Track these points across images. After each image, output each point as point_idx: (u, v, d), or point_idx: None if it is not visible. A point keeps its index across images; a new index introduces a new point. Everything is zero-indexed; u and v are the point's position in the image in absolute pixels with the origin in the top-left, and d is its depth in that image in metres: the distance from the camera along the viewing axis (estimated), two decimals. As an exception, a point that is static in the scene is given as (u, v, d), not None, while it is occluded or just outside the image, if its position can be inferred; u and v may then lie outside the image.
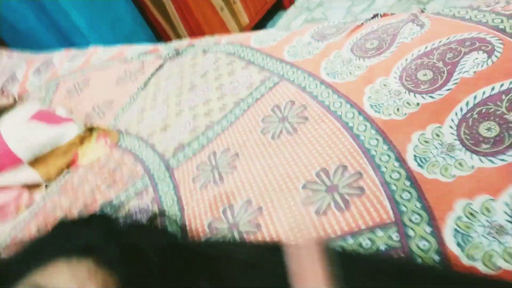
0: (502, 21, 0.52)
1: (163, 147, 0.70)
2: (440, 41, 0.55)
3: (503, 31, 0.50)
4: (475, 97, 0.47)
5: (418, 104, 0.52)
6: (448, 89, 0.50)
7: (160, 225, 0.53)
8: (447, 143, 0.46)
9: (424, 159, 0.47)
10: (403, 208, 0.44)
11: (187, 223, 0.55)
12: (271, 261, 0.40)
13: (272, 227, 0.49)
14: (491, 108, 0.45)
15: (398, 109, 0.53)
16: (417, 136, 0.49)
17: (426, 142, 0.48)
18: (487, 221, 0.40)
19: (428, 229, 0.42)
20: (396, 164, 0.48)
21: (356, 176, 0.49)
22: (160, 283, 0.44)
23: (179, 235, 0.53)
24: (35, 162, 0.77)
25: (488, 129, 0.45)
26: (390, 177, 0.47)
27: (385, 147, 0.50)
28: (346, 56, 0.64)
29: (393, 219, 0.44)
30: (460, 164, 0.44)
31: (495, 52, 0.49)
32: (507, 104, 0.44)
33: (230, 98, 0.71)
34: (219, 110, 0.70)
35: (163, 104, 0.79)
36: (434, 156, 0.46)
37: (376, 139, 0.52)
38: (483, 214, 0.40)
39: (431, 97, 0.51)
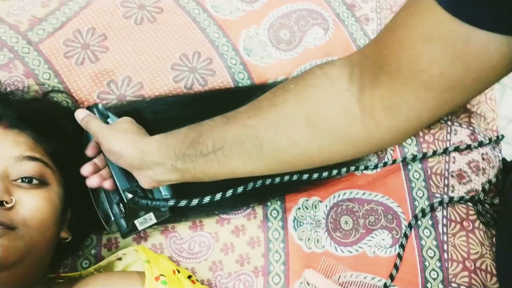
0: (338, 5, 0.78)
1: (12, 19, 0.71)
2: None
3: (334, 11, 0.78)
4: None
5: (244, 10, 0.77)
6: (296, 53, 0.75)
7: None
8: (263, 41, 0.75)
9: (250, 50, 0.74)
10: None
11: (74, 95, 0.67)
12: None
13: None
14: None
15: (231, 12, 0.77)
16: (244, 32, 0.75)
17: (250, 38, 0.75)
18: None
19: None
20: (233, 53, 0.74)
21: (207, 60, 0.73)
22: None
23: (72, 106, 0.66)
24: None
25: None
26: (230, 62, 0.74)
27: (225, 40, 0.75)
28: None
29: (236, 91, 0.72)
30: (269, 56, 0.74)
31: (329, 31, 0.76)
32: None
33: (78, -27, 0.76)
34: (69, -15, 0.75)
35: (-10, -35, 0.74)
36: (256, 44, 0.74)
37: (218, 33, 0.75)
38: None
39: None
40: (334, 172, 0.60)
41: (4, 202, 0.43)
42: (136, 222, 0.53)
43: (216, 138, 0.45)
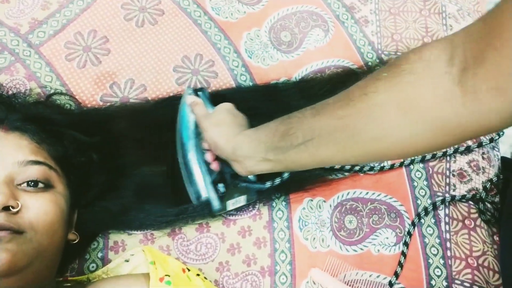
0: (338, 7, 0.79)
1: (12, 21, 0.71)
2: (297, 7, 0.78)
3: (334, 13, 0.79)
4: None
5: (245, 12, 0.77)
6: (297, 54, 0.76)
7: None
8: (264, 42, 0.76)
9: (252, 52, 0.75)
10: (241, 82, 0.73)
11: (77, 98, 0.67)
12: None
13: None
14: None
15: (232, 14, 0.77)
16: (245, 34, 0.76)
17: (251, 40, 0.76)
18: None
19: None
20: (235, 55, 0.75)
21: (210, 63, 0.74)
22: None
23: (75, 108, 0.65)
24: None
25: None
26: (232, 64, 0.74)
27: (226, 42, 0.75)
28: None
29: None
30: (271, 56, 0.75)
31: (329, 32, 0.77)
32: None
33: (78, -24, 0.75)
34: (69, -13, 0.75)
35: (-11, -33, 0.73)
36: (257, 46, 0.75)
37: (219, 35, 0.76)
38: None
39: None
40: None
41: (10, 207, 0.43)
42: (228, 202, 0.57)
43: (306, 129, 0.45)
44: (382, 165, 0.66)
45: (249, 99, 0.68)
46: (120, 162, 0.60)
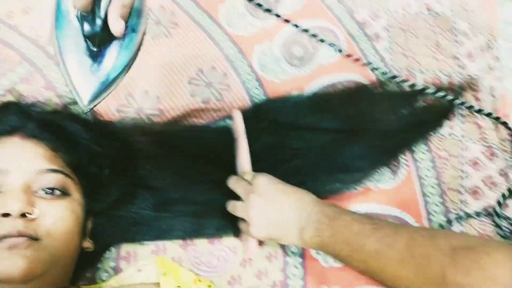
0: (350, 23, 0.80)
1: (32, 33, 0.72)
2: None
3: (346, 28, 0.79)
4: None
5: (258, 26, 0.78)
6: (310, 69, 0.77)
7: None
8: (277, 57, 0.77)
9: (264, 65, 0.76)
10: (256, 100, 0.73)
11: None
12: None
13: (172, 112, 0.70)
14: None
15: (245, 28, 0.78)
16: (258, 48, 0.77)
17: (264, 54, 0.77)
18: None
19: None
20: (248, 68, 0.75)
21: (223, 75, 0.74)
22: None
23: (91, 119, 0.66)
24: None
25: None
26: (245, 78, 0.75)
27: (239, 55, 0.76)
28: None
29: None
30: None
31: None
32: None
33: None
34: (87, 0, 0.76)
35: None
36: (270, 60, 0.76)
37: (232, 48, 0.77)
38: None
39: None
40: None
41: (27, 214, 0.43)
42: None
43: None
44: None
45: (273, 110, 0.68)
46: (137, 174, 0.60)
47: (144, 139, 0.63)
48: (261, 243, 0.58)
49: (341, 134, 0.67)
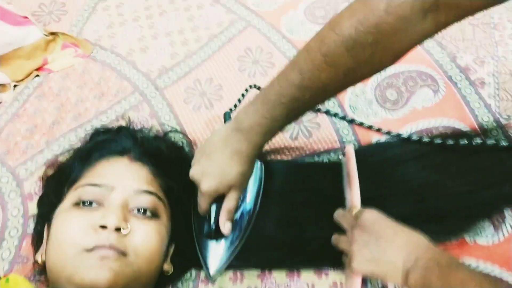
0: (451, 68, 0.78)
1: (146, 67, 0.81)
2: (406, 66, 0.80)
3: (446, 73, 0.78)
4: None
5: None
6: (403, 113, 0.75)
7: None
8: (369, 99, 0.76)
9: (355, 107, 0.75)
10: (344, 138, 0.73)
11: (189, 137, 0.73)
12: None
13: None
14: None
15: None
16: (350, 90, 0.77)
17: (356, 96, 0.76)
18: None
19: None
20: (339, 109, 0.75)
21: (313, 115, 0.75)
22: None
23: (187, 147, 0.71)
24: (-1, 61, 0.78)
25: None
26: (336, 118, 0.75)
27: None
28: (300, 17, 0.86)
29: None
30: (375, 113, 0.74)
31: (439, 93, 0.76)
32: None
33: (204, 32, 0.85)
34: (195, 41, 0.84)
35: (134, 23, 0.87)
36: (362, 102, 0.75)
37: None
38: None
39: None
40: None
41: (122, 229, 0.46)
42: None
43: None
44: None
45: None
46: None
47: None
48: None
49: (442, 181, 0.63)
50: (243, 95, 0.74)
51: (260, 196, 0.62)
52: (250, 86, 0.76)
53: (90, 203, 0.49)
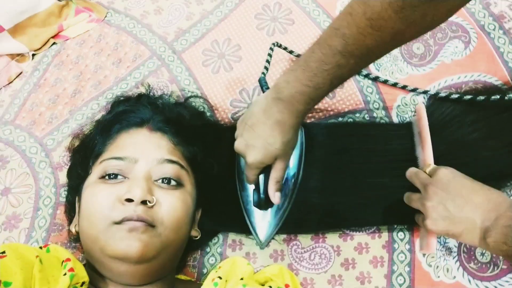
0: (484, 16, 0.73)
1: (162, 30, 0.79)
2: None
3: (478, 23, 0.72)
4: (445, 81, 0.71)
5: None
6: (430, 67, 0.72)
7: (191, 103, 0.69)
8: (394, 55, 0.72)
9: (380, 64, 0.72)
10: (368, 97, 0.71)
11: (210, 101, 0.72)
12: None
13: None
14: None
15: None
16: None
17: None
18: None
19: (382, 111, 0.70)
20: (362, 66, 0.73)
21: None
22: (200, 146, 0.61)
23: (208, 112, 0.70)
24: (15, 31, 0.77)
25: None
26: (359, 75, 0.72)
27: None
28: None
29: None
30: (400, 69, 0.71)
31: (470, 44, 0.72)
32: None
33: (219, -11, 0.82)
34: (210, 0, 0.81)
35: (147, -17, 0.83)
36: (386, 59, 0.72)
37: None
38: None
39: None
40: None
41: (147, 201, 0.46)
42: None
43: None
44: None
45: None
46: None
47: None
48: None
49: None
50: (270, 55, 0.71)
51: (303, 160, 0.62)
52: (274, 44, 0.72)
53: (116, 176, 0.50)
